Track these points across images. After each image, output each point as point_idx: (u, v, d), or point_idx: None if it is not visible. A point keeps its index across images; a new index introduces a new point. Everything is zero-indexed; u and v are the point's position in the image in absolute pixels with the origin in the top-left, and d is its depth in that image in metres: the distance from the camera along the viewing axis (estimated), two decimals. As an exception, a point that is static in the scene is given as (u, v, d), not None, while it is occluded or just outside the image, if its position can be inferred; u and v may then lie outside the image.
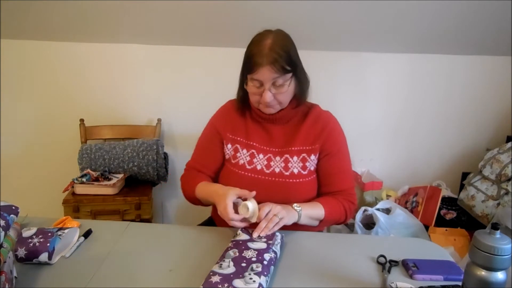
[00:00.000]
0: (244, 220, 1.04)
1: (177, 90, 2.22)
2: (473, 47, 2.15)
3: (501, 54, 2.20)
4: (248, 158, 1.21)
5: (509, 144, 2.02)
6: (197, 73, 2.19)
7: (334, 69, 2.22)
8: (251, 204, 1.03)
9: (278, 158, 1.20)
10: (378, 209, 1.93)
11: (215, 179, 1.29)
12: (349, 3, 1.81)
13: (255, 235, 1.00)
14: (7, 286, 0.74)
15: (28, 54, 2.10)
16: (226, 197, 1.03)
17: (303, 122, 1.22)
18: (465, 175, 2.24)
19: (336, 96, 2.25)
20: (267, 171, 1.19)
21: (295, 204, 1.11)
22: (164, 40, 2.11)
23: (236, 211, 1.04)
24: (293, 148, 1.20)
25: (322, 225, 1.22)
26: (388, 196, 2.21)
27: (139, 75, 2.18)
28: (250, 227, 1.05)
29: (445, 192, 2.17)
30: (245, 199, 1.05)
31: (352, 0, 1.79)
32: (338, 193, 1.21)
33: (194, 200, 1.24)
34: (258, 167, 1.20)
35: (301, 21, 1.93)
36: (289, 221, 1.06)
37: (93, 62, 2.14)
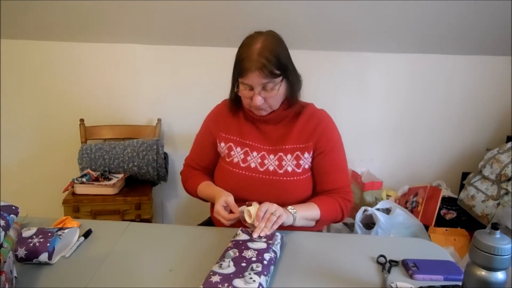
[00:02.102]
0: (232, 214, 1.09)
1: (177, 90, 2.22)
2: (473, 47, 2.15)
3: (501, 54, 2.19)
4: (242, 156, 1.22)
5: (509, 144, 2.02)
6: (197, 73, 2.19)
7: (334, 69, 2.22)
8: (253, 209, 1.03)
9: (272, 156, 1.20)
10: (378, 209, 1.93)
11: (211, 175, 1.33)
12: (349, 3, 1.81)
13: (255, 235, 1.00)
14: (7, 286, 0.74)
15: (28, 54, 2.10)
16: (217, 203, 1.11)
17: (296, 120, 1.22)
18: (465, 175, 2.24)
19: (336, 96, 2.25)
20: (261, 169, 1.19)
21: (289, 207, 1.11)
22: (164, 40, 2.10)
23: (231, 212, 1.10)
24: (286, 146, 1.20)
25: (319, 225, 1.22)
26: (388, 196, 2.21)
27: (139, 75, 2.18)
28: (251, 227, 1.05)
29: (445, 192, 2.17)
30: (249, 204, 1.06)
31: (352, 0, 1.79)
32: (334, 191, 1.21)
33: (195, 196, 1.31)
34: (252, 165, 1.20)
35: (301, 21, 1.93)
36: (286, 219, 1.06)
37: (93, 62, 2.14)
